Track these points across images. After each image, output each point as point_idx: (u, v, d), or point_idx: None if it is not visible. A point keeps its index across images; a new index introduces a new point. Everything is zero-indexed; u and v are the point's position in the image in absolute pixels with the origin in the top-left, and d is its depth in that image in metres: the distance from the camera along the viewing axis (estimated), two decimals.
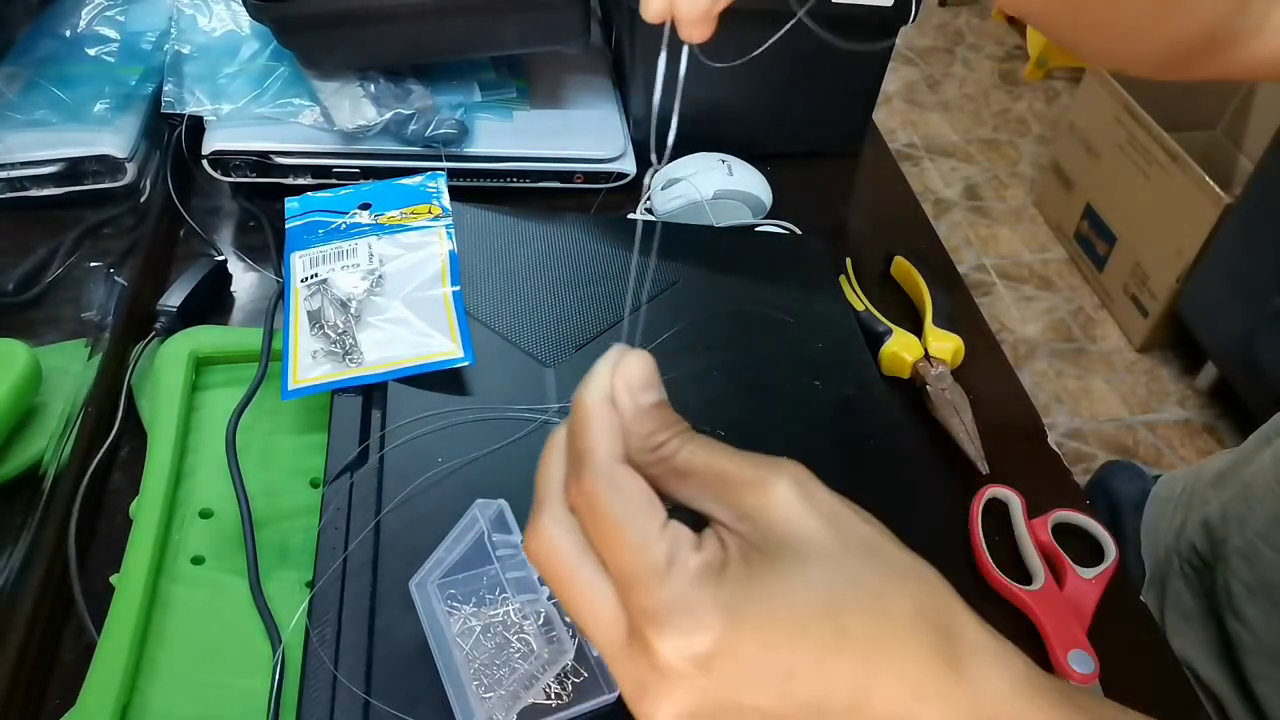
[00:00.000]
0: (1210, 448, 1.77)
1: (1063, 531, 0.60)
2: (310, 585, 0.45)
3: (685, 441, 0.29)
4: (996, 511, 0.60)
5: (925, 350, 0.66)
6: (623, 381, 0.29)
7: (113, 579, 0.49)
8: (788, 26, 0.33)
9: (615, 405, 0.29)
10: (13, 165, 0.67)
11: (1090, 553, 0.60)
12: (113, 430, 0.56)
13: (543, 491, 0.29)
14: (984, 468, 0.60)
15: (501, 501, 0.40)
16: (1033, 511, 0.60)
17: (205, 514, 0.52)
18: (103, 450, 0.55)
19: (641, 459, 0.28)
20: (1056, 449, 0.65)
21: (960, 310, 0.71)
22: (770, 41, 0.37)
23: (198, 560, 0.51)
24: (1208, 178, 1.68)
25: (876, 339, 0.66)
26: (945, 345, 0.66)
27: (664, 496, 0.28)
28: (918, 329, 0.68)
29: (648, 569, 0.26)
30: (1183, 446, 1.77)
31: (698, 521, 0.28)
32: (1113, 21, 0.45)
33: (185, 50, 0.74)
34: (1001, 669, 0.27)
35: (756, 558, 0.27)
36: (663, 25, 0.31)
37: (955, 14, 2.96)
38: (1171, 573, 0.68)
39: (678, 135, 0.32)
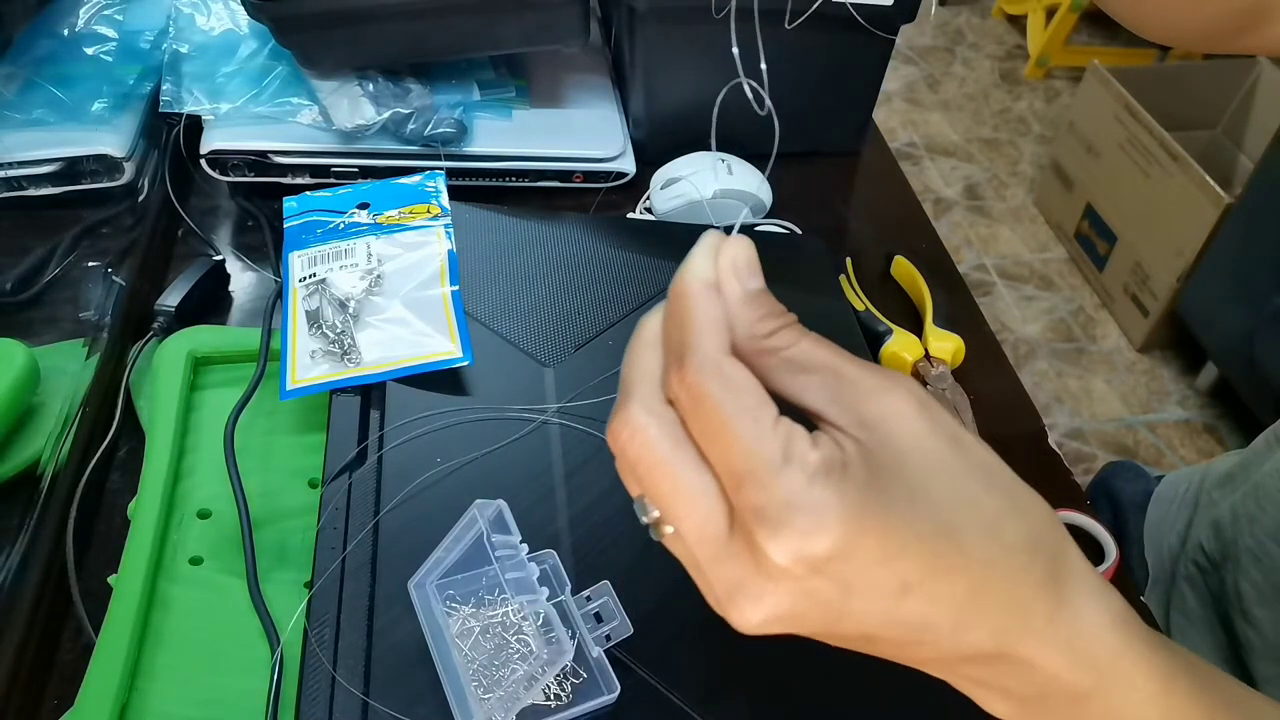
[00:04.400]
0: (1211, 448, 1.77)
1: None
2: (309, 586, 0.45)
3: (803, 334, 0.27)
4: None
5: (926, 350, 0.66)
6: (729, 263, 0.26)
7: (111, 579, 0.48)
8: None
9: (720, 291, 0.26)
10: (10, 165, 0.67)
11: (1090, 553, 0.60)
12: (111, 430, 0.56)
13: (632, 380, 0.27)
14: None
15: (500, 502, 0.40)
16: None
17: (203, 514, 0.52)
18: (101, 450, 0.55)
19: (749, 347, 0.26)
20: (1057, 449, 0.65)
21: (960, 310, 0.71)
22: None
23: (196, 561, 0.50)
24: (1208, 177, 1.68)
25: (877, 339, 0.66)
26: (945, 345, 0.66)
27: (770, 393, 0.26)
28: (918, 329, 0.68)
29: (762, 465, 0.24)
30: (1183, 446, 1.77)
31: (802, 422, 0.26)
32: None
33: (183, 49, 0.74)
34: (1103, 604, 0.27)
35: (876, 465, 0.25)
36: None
37: (955, 13, 2.95)
38: (1176, 574, 0.67)
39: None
